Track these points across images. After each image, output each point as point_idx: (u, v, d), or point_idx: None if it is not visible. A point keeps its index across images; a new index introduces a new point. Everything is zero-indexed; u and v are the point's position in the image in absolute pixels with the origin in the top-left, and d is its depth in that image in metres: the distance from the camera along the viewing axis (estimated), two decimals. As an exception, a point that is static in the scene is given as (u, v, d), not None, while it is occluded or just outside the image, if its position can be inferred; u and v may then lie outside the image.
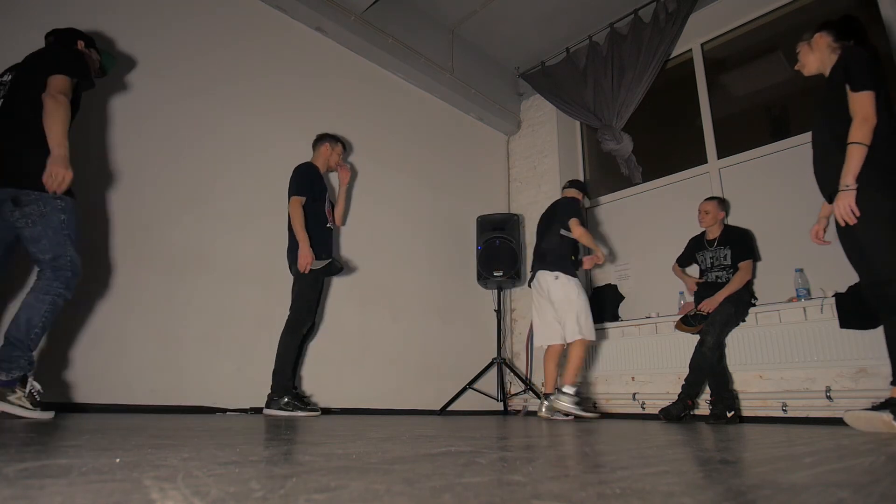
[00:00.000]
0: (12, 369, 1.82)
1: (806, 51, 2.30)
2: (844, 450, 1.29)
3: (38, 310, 1.88)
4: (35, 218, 1.89)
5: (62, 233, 1.93)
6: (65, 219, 1.94)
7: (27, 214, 1.88)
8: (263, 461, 0.83)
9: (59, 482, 0.58)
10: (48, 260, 1.92)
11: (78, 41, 2.22)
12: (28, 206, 1.88)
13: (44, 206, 1.90)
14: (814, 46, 2.27)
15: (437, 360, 4.17)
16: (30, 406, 1.83)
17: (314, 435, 1.52)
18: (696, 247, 3.53)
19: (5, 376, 1.81)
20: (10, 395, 1.80)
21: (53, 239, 1.91)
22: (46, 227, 1.90)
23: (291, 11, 3.73)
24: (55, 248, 1.92)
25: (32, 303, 1.89)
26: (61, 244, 1.93)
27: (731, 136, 4.09)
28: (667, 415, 3.04)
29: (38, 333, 1.89)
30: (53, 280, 1.92)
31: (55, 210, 1.92)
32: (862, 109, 1.97)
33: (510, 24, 4.73)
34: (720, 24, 4.25)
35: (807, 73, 2.34)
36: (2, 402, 1.78)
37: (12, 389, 1.81)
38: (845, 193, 1.97)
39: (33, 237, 1.90)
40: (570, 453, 1.11)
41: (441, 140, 4.73)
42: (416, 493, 0.59)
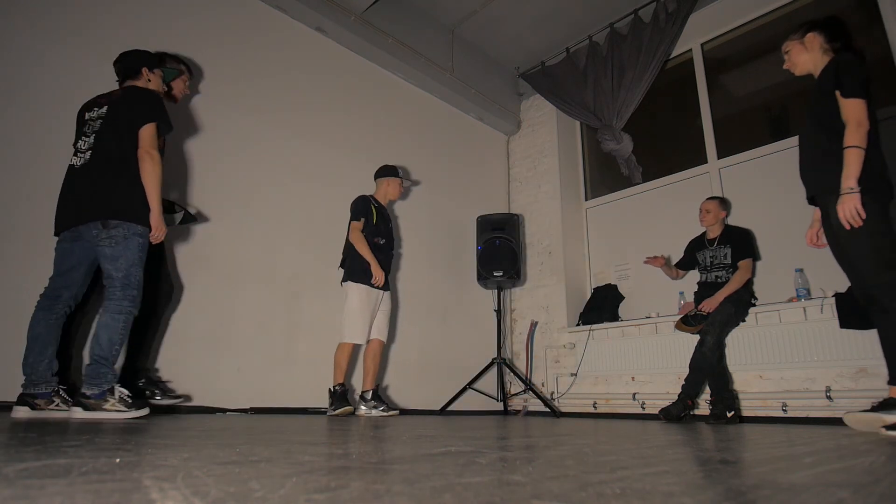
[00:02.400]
0: (102, 384, 2.06)
1: (799, 50, 2.28)
2: (844, 450, 1.29)
3: (114, 328, 2.10)
4: (118, 239, 2.13)
5: (137, 254, 2.17)
6: (141, 243, 2.18)
7: (112, 236, 2.13)
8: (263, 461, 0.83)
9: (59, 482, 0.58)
10: (120, 277, 2.13)
11: (143, 69, 2.41)
12: (114, 229, 2.13)
13: (127, 231, 2.15)
14: (808, 46, 2.26)
15: (437, 360, 4.17)
16: (124, 408, 2.08)
17: (314, 435, 1.52)
18: (697, 246, 3.53)
19: (97, 390, 2.05)
20: (105, 403, 2.05)
21: (129, 259, 2.14)
22: (126, 248, 2.14)
23: (291, 11, 3.73)
24: (129, 268, 2.14)
25: (109, 322, 2.11)
26: (135, 265, 2.16)
27: (731, 136, 4.09)
28: (667, 415, 3.04)
29: (117, 349, 2.13)
30: (123, 299, 2.13)
31: (136, 235, 2.16)
32: (855, 114, 1.99)
33: (510, 24, 4.73)
34: (720, 24, 4.25)
35: (798, 73, 2.33)
36: (100, 411, 2.03)
37: (105, 399, 2.06)
38: (850, 196, 1.97)
39: (113, 255, 2.13)
40: (570, 453, 1.11)
41: (441, 140, 4.73)
42: (416, 493, 0.59)
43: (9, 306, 2.41)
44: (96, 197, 2.14)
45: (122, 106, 2.26)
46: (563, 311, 4.49)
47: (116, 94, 2.32)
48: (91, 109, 2.31)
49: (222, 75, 3.35)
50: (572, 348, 4.34)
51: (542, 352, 4.57)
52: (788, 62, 2.34)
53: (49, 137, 2.64)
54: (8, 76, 2.58)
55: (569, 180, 4.92)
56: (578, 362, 4.21)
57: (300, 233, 3.54)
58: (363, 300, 3.19)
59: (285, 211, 3.49)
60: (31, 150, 2.59)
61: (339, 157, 3.85)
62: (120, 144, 2.20)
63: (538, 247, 4.83)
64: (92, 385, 2.05)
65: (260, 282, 3.28)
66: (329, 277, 3.46)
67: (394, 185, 3.50)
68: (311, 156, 3.71)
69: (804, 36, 2.27)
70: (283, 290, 3.40)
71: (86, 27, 2.85)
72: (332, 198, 3.67)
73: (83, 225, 2.14)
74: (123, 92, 2.32)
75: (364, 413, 3.19)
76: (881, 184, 2.01)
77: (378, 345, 3.30)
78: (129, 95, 2.30)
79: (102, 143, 2.20)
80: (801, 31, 2.29)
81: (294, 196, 3.55)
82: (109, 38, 2.91)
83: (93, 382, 2.05)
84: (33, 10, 2.69)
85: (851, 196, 1.97)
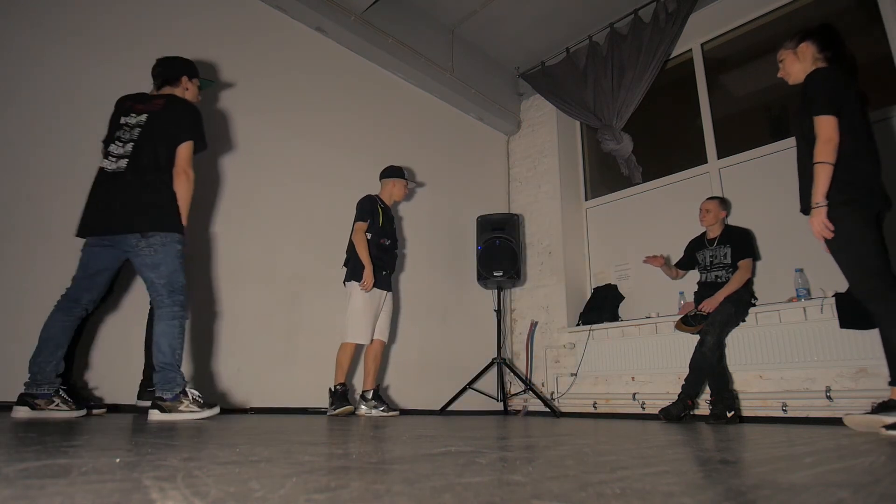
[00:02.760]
0: (173, 388, 2.14)
1: (792, 60, 2.30)
2: (844, 450, 1.29)
3: (172, 334, 2.16)
4: (157, 247, 2.17)
5: (178, 260, 2.22)
6: (180, 249, 2.24)
7: (151, 244, 2.17)
8: (263, 461, 0.83)
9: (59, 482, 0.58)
10: (163, 284, 2.18)
11: (183, 77, 2.46)
12: (153, 238, 2.17)
13: (165, 238, 2.20)
14: (800, 56, 2.27)
15: (437, 360, 4.17)
16: (197, 409, 2.16)
17: (314, 435, 1.52)
18: (697, 246, 3.53)
19: (170, 395, 2.13)
20: (180, 405, 2.13)
21: (171, 265, 2.19)
22: (166, 255, 2.18)
23: (291, 11, 3.73)
24: (171, 274, 2.19)
25: (166, 330, 2.16)
26: (176, 271, 2.21)
27: (731, 136, 4.09)
28: (667, 415, 3.04)
29: (180, 353, 2.19)
30: (173, 306, 2.18)
31: (174, 242, 2.22)
32: (824, 131, 2.03)
33: (510, 24, 4.73)
34: (720, 24, 4.25)
35: (792, 83, 2.34)
36: (176, 413, 2.11)
37: (179, 401, 2.13)
38: (816, 211, 2.04)
39: (154, 263, 2.17)
40: (570, 453, 1.11)
41: (441, 140, 4.73)
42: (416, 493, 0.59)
43: (9, 306, 2.41)
44: (133, 209, 2.16)
45: (163, 116, 2.29)
46: (563, 311, 4.49)
47: (158, 104, 2.32)
48: (128, 114, 2.31)
49: (222, 75, 3.35)
50: (572, 348, 4.34)
51: (542, 352, 4.57)
52: (783, 71, 2.37)
53: (49, 137, 2.64)
54: (8, 76, 2.58)
55: (569, 180, 4.92)
56: (578, 362, 4.21)
57: (300, 233, 3.54)
58: (366, 300, 3.19)
59: (285, 211, 3.49)
60: (31, 150, 2.59)
61: (339, 157, 3.85)
62: (157, 156, 2.24)
63: (538, 247, 4.83)
64: (165, 390, 2.13)
65: (260, 282, 3.28)
66: (329, 277, 3.45)
67: (399, 186, 3.51)
68: (311, 156, 3.70)
69: (797, 45, 2.29)
70: (283, 289, 3.40)
71: (86, 27, 2.85)
72: (332, 198, 3.67)
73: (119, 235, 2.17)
74: (166, 102, 2.33)
75: (364, 413, 3.19)
76: (864, 193, 2.03)
77: (379, 345, 3.31)
78: (172, 107, 2.32)
79: (140, 153, 2.22)
80: (794, 40, 2.30)
81: (294, 196, 3.55)
82: (109, 38, 2.92)
83: (166, 388, 2.13)
84: (33, 10, 2.69)
85: (818, 211, 2.04)
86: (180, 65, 2.49)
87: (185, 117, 2.32)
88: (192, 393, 2.19)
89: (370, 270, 3.16)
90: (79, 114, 2.72)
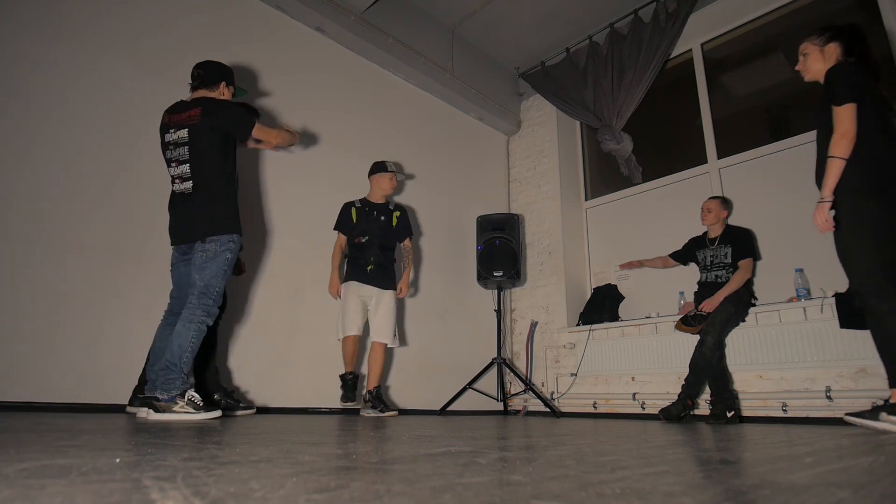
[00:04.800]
0: (171, 389, 2.16)
1: (817, 57, 2.24)
2: (844, 450, 1.29)
3: (186, 336, 2.21)
4: (211, 254, 2.30)
5: (223, 268, 2.32)
6: (230, 258, 2.34)
7: (206, 249, 2.31)
8: (263, 461, 0.83)
9: (59, 482, 0.58)
10: (201, 286, 2.27)
11: (222, 83, 2.53)
12: (210, 244, 2.31)
13: (220, 246, 2.32)
14: (826, 56, 2.23)
15: (437, 360, 4.17)
16: (192, 411, 2.17)
17: (314, 435, 1.52)
18: (697, 245, 3.53)
19: (166, 395, 2.15)
20: (175, 406, 2.15)
21: (215, 271, 2.30)
22: (215, 261, 2.30)
23: (291, 11, 3.73)
24: (212, 279, 2.29)
25: (181, 330, 2.21)
26: (217, 277, 2.30)
27: (731, 136, 4.09)
28: (667, 415, 3.04)
29: (188, 357, 2.21)
30: (196, 308, 2.25)
31: (227, 250, 2.34)
32: (841, 124, 2.01)
33: (510, 24, 4.73)
34: (720, 24, 4.25)
35: (808, 79, 2.31)
36: (169, 413, 2.14)
37: (174, 402, 2.16)
38: (821, 206, 2.05)
39: (202, 265, 2.29)
40: (570, 453, 1.11)
41: (441, 140, 4.73)
42: (416, 493, 0.59)
43: (9, 306, 2.41)
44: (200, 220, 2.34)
45: (205, 127, 2.36)
46: (563, 311, 4.49)
47: (195, 116, 2.36)
48: (168, 131, 2.40)
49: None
50: (572, 348, 4.34)
51: (542, 352, 4.57)
52: (802, 65, 2.31)
53: (48, 137, 2.64)
54: (8, 76, 2.58)
55: (569, 180, 4.92)
56: (578, 362, 4.21)
57: (300, 232, 3.54)
58: (345, 296, 3.32)
59: (285, 211, 3.49)
60: (31, 150, 2.59)
61: (338, 157, 3.85)
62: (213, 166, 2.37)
63: (538, 247, 4.83)
64: (163, 390, 2.16)
65: (260, 282, 3.28)
66: (329, 277, 3.45)
67: (384, 179, 3.50)
68: (311, 156, 3.71)
69: (825, 44, 2.23)
70: (284, 289, 3.40)
71: (86, 27, 2.85)
72: (332, 197, 3.66)
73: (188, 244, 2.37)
74: (201, 111, 2.37)
75: (364, 414, 3.19)
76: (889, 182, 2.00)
77: (376, 347, 3.28)
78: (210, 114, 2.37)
79: (197, 170, 2.35)
80: (823, 38, 2.24)
81: (294, 196, 3.55)
82: (109, 38, 2.92)
83: (164, 387, 2.16)
84: (33, 10, 2.69)
85: (821, 206, 2.03)
86: (220, 70, 2.54)
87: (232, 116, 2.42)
88: (191, 395, 2.20)
89: (332, 276, 3.36)
90: (78, 114, 2.72)
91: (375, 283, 3.33)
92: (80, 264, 2.62)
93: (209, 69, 2.51)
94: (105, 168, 2.79)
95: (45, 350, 2.45)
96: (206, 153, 2.36)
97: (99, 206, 2.74)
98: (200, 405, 2.21)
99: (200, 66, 2.51)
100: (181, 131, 2.36)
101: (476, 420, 2.98)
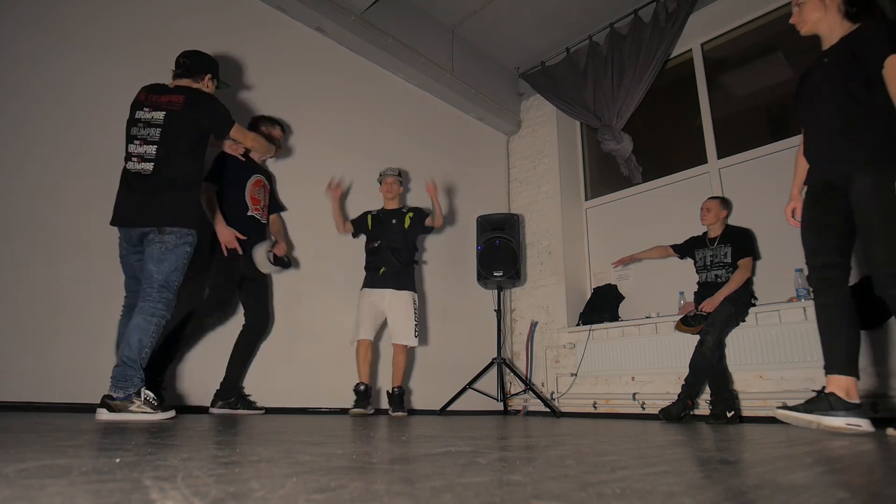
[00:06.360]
0: (128, 387, 2.08)
1: (814, 6, 2.03)
2: (844, 450, 1.29)
3: (146, 331, 2.13)
4: (169, 245, 2.22)
5: (182, 261, 2.25)
6: (188, 252, 2.27)
7: (164, 241, 2.22)
8: (263, 461, 0.83)
9: (59, 482, 0.58)
10: (161, 280, 2.19)
11: (207, 75, 2.49)
12: (168, 235, 2.22)
13: (178, 239, 2.24)
14: (826, 4, 2.02)
15: (437, 360, 4.17)
16: (150, 410, 2.10)
17: (314, 435, 1.52)
18: (697, 244, 3.53)
19: (123, 393, 2.07)
20: (131, 405, 2.08)
21: (174, 264, 2.22)
22: (174, 254, 2.22)
23: (291, 11, 3.73)
24: (171, 273, 2.21)
25: (141, 324, 2.13)
26: (177, 270, 2.24)
27: (731, 136, 4.09)
28: (667, 415, 3.04)
29: (147, 352, 2.14)
30: (157, 302, 2.17)
31: (185, 244, 2.26)
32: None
33: (510, 24, 4.72)
34: (720, 24, 4.25)
35: (804, 32, 2.11)
36: (125, 413, 2.06)
37: (131, 401, 2.08)
38: None
39: (160, 258, 2.20)
40: (570, 453, 1.11)
41: (441, 140, 4.73)
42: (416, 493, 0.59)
43: (9, 307, 2.41)
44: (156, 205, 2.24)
45: (185, 116, 2.31)
46: (563, 311, 4.49)
47: (176, 102, 2.32)
48: (142, 108, 2.32)
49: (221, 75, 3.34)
50: (572, 348, 4.34)
51: (542, 352, 4.57)
52: (797, 17, 2.11)
53: (48, 137, 2.64)
54: (8, 76, 2.58)
55: (569, 180, 4.92)
56: (578, 362, 4.21)
57: (300, 233, 3.53)
58: (359, 302, 3.41)
59: (285, 211, 3.48)
60: (30, 150, 2.59)
61: (338, 157, 3.85)
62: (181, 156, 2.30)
63: (538, 247, 4.83)
64: (119, 388, 2.06)
65: (260, 282, 3.28)
66: (329, 278, 3.45)
67: (381, 188, 3.64)
68: (311, 156, 3.70)
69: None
70: (284, 289, 3.40)
71: (86, 27, 2.85)
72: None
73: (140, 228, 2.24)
74: (185, 99, 2.33)
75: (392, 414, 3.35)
76: None
77: (396, 349, 3.42)
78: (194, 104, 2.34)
79: (161, 153, 2.27)
80: None
81: (294, 196, 3.54)
82: (109, 38, 2.92)
83: (120, 385, 2.07)
84: (33, 10, 2.69)
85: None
86: (207, 62, 2.50)
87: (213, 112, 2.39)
88: (147, 394, 2.12)
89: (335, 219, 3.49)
90: (78, 114, 2.72)
91: (388, 285, 3.41)
92: (80, 264, 2.62)
93: (196, 59, 2.46)
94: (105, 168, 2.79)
95: (45, 350, 2.45)
96: (178, 141, 2.29)
97: (99, 206, 2.73)
98: (157, 404, 2.13)
99: (187, 55, 2.46)
100: (157, 113, 2.29)
101: (476, 420, 2.98)
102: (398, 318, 3.39)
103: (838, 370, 1.88)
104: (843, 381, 1.86)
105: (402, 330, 3.38)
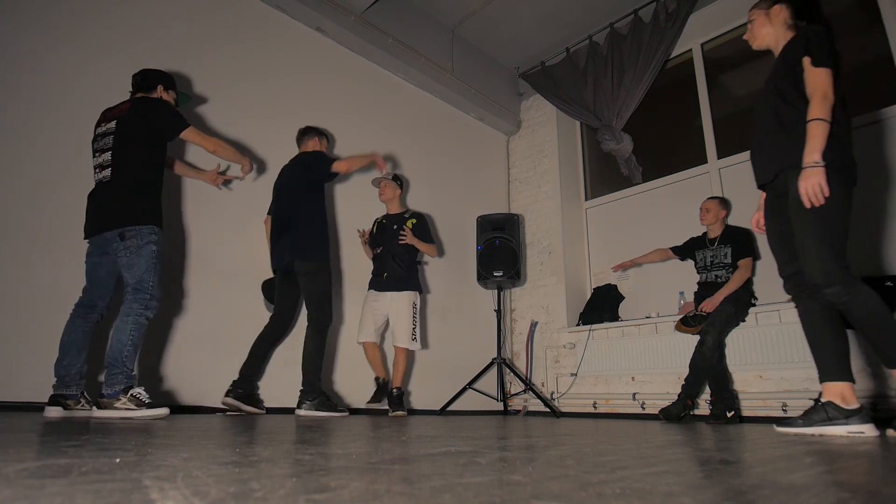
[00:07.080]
0: (113, 384, 2.16)
1: (762, 21, 2.15)
2: (844, 450, 1.29)
3: (125, 332, 2.20)
4: (133, 249, 2.27)
5: (151, 261, 2.29)
6: (155, 250, 2.31)
7: (128, 246, 2.27)
8: (263, 461, 0.83)
9: (59, 482, 0.58)
10: (134, 283, 2.25)
11: (159, 86, 2.55)
12: (130, 240, 2.27)
13: (141, 240, 2.28)
14: (772, 19, 2.12)
15: (437, 360, 4.17)
16: (134, 407, 2.15)
17: (314, 435, 1.52)
18: (697, 245, 3.53)
19: (110, 391, 2.16)
20: (116, 402, 2.14)
21: (143, 266, 2.27)
22: (140, 256, 2.27)
23: (291, 11, 3.73)
24: (142, 274, 2.27)
25: (119, 325, 2.21)
26: (148, 270, 2.28)
27: (731, 136, 4.09)
28: (667, 415, 3.04)
29: (130, 351, 2.20)
30: (133, 302, 2.24)
31: (150, 242, 2.29)
32: (822, 86, 1.84)
33: (510, 24, 4.73)
34: (720, 24, 4.25)
35: (756, 47, 2.20)
36: (111, 410, 2.13)
37: (117, 398, 2.15)
38: (814, 171, 1.78)
39: (129, 264, 2.27)
40: (570, 453, 1.11)
41: (441, 140, 4.73)
42: (416, 493, 0.59)
43: (9, 307, 2.41)
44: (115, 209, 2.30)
45: (132, 118, 2.37)
46: (563, 311, 4.49)
47: (124, 108, 2.41)
48: (100, 125, 2.43)
49: (221, 75, 3.35)
50: (572, 348, 4.34)
51: (542, 352, 4.57)
52: (749, 33, 2.21)
53: (48, 137, 2.64)
54: (8, 76, 2.58)
55: (569, 180, 4.92)
56: (578, 362, 4.21)
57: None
58: (364, 305, 3.53)
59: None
60: (30, 150, 2.59)
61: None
62: (135, 157, 2.35)
63: (538, 247, 4.83)
64: (107, 386, 2.17)
65: (260, 282, 3.28)
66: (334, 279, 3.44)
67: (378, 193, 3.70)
68: (311, 156, 3.70)
69: (771, 7, 2.14)
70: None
71: (86, 27, 2.85)
72: (332, 198, 3.67)
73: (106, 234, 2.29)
74: (131, 104, 2.41)
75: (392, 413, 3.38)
76: (851, 167, 1.86)
77: (396, 351, 3.45)
78: (139, 106, 2.40)
79: (118, 159, 2.33)
80: (768, 1, 2.17)
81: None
82: (109, 38, 2.92)
83: (108, 383, 2.17)
84: (33, 10, 2.69)
85: (815, 171, 1.77)
86: (158, 75, 2.58)
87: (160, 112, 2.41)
88: (134, 392, 2.17)
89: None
90: (78, 114, 2.72)
91: (390, 289, 3.48)
92: (80, 264, 2.61)
93: (146, 74, 2.55)
94: (105, 168, 2.79)
95: (45, 350, 2.44)
96: (129, 143, 2.34)
97: (99, 206, 2.73)
98: (144, 402, 2.17)
99: (138, 73, 2.56)
100: (110, 123, 2.38)
101: (476, 420, 2.98)
102: (397, 321, 3.44)
103: (830, 377, 1.86)
104: (837, 387, 1.84)
105: (401, 333, 3.43)
